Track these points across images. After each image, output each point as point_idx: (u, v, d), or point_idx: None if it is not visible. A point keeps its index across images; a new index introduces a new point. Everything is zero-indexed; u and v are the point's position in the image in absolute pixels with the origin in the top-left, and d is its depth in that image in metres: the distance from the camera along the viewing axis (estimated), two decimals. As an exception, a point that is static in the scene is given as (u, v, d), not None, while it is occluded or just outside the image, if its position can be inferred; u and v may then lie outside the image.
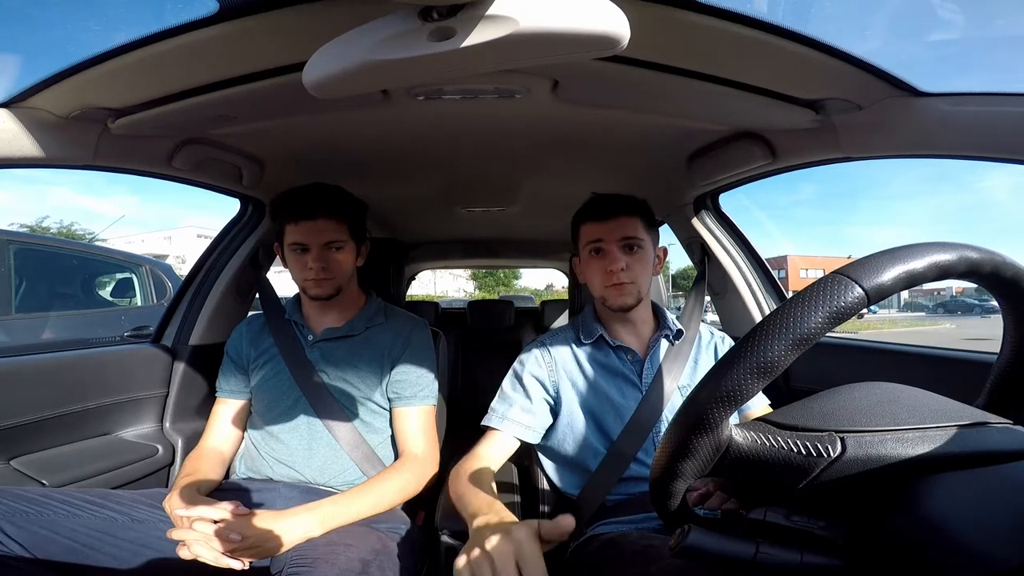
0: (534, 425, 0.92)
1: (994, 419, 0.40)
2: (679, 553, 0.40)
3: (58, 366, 1.05)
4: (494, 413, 0.93)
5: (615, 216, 0.93)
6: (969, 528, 0.32)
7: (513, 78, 0.79)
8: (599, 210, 0.94)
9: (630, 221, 0.92)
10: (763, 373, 0.35)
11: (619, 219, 0.92)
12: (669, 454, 0.40)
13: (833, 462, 0.37)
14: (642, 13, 0.57)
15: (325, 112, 0.90)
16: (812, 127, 0.90)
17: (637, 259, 0.92)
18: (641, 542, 0.72)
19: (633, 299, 0.92)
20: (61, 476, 0.97)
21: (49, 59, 0.71)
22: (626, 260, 0.91)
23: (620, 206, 0.93)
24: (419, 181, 1.42)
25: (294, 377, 1.01)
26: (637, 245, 0.92)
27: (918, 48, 0.76)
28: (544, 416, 0.93)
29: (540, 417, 0.93)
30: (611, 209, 0.93)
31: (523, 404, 0.92)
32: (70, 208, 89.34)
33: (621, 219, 0.92)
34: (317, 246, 0.99)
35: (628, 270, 0.91)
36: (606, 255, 0.92)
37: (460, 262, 3.50)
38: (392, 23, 0.51)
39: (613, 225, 0.92)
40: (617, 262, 0.91)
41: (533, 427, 0.91)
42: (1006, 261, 0.38)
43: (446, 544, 0.87)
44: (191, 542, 0.70)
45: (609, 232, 0.92)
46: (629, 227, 0.92)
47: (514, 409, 0.92)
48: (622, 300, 0.92)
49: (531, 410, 0.92)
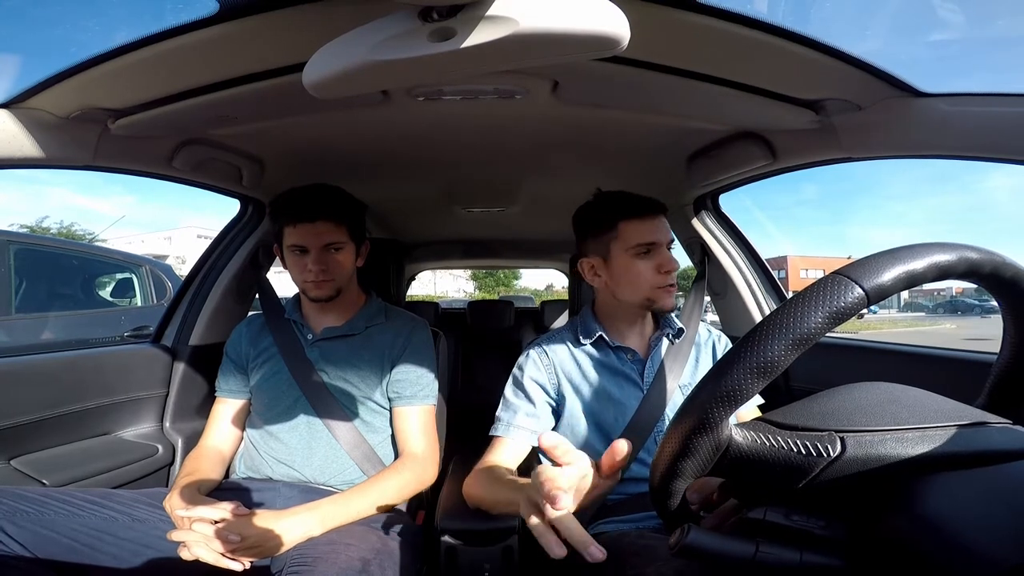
0: (539, 429, 0.91)
1: (994, 419, 0.40)
2: (679, 552, 0.40)
3: (58, 366, 1.05)
4: (500, 422, 0.93)
5: (658, 215, 0.91)
6: (969, 528, 0.32)
7: (513, 79, 0.79)
8: (646, 207, 0.91)
9: (666, 222, 0.92)
10: (763, 373, 0.35)
11: (661, 219, 0.91)
12: (669, 453, 0.40)
13: (833, 462, 0.37)
14: (642, 13, 0.57)
15: (325, 112, 0.90)
16: (812, 127, 0.90)
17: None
18: (640, 542, 0.72)
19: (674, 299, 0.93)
20: (61, 476, 0.97)
21: (49, 59, 0.71)
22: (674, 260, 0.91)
23: (660, 205, 0.92)
24: (419, 181, 1.42)
25: (294, 376, 1.01)
26: (671, 246, 0.93)
27: (918, 48, 0.76)
28: (548, 419, 0.93)
29: (544, 420, 0.93)
30: (656, 207, 0.92)
31: (527, 409, 0.92)
32: (70, 208, 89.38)
33: (662, 219, 0.92)
34: (316, 248, 0.99)
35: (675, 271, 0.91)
36: (659, 255, 0.90)
37: (460, 262, 3.50)
38: (392, 23, 0.51)
39: (661, 224, 0.91)
40: (672, 262, 0.89)
41: (538, 431, 0.91)
42: (1006, 261, 0.38)
43: (446, 544, 0.87)
44: (191, 543, 0.71)
45: (661, 232, 0.90)
46: (670, 227, 0.92)
47: (519, 416, 0.91)
48: (672, 301, 0.91)
49: (535, 414, 0.92)
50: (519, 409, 0.92)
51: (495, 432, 0.92)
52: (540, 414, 0.92)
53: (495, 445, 0.91)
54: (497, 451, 0.89)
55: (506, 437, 0.90)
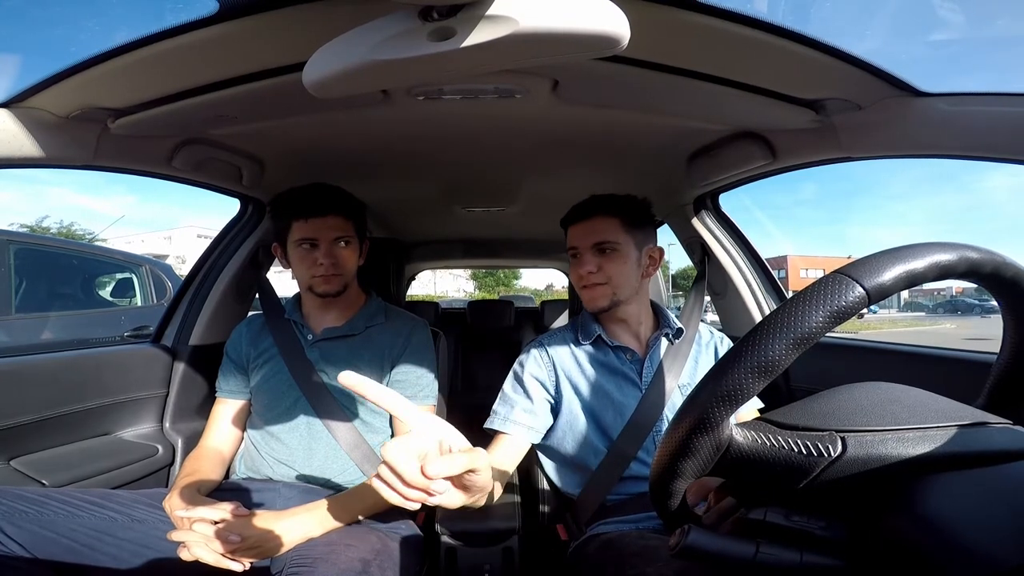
0: (536, 426, 0.91)
1: (994, 419, 0.40)
2: (679, 553, 0.40)
3: (58, 366, 1.05)
4: (496, 416, 0.93)
5: (588, 219, 0.95)
6: (969, 528, 0.32)
7: (513, 78, 0.79)
8: (575, 214, 0.97)
9: (605, 223, 0.93)
10: (763, 373, 0.35)
11: (592, 222, 0.94)
12: (669, 453, 0.40)
13: (833, 462, 0.37)
14: (642, 13, 0.57)
15: (325, 112, 0.90)
16: (812, 127, 0.90)
17: (610, 260, 0.93)
18: (639, 542, 0.72)
19: (606, 301, 0.93)
20: (61, 476, 0.97)
21: (49, 59, 0.71)
22: (598, 262, 0.92)
23: (595, 208, 0.95)
24: (419, 181, 1.42)
25: (294, 377, 1.01)
26: (611, 248, 0.93)
27: (918, 48, 0.76)
28: (545, 416, 0.93)
29: (542, 417, 0.93)
30: (585, 212, 0.95)
31: (525, 405, 0.92)
32: (70, 208, 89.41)
33: (595, 222, 0.94)
34: (327, 241, 0.99)
35: (600, 272, 0.92)
36: (579, 259, 0.95)
37: (460, 262, 3.50)
38: (392, 23, 0.51)
39: (586, 229, 0.94)
40: (585, 265, 0.93)
41: (535, 427, 0.91)
42: (1006, 261, 0.38)
43: (446, 544, 0.87)
44: (191, 544, 0.71)
45: (582, 237, 0.94)
46: (602, 230, 0.93)
47: (516, 411, 0.92)
48: (593, 303, 0.94)
49: (532, 411, 0.92)
50: (516, 404, 0.92)
51: (491, 425, 0.92)
52: (538, 411, 0.92)
53: (493, 443, 0.90)
54: (494, 450, 0.89)
55: (503, 432, 0.90)
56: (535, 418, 0.92)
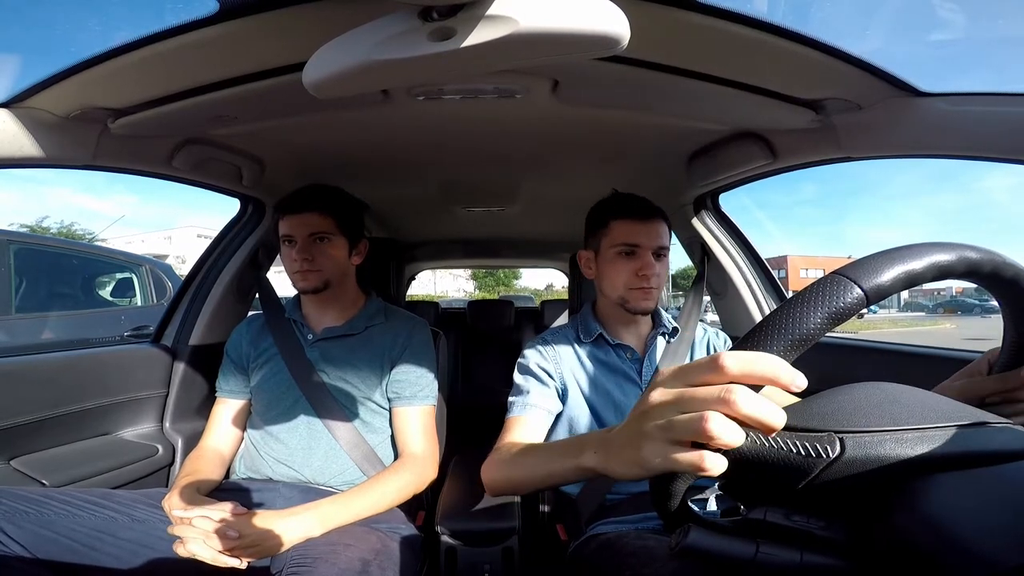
0: (554, 409, 0.91)
1: (994, 419, 0.40)
2: (679, 553, 0.40)
3: (58, 366, 1.05)
4: (515, 405, 0.91)
5: (652, 219, 0.92)
6: (969, 528, 0.32)
7: (513, 78, 0.79)
8: (638, 210, 0.92)
9: (662, 228, 0.93)
10: None
11: (655, 223, 0.92)
12: (669, 454, 0.40)
13: (832, 462, 0.37)
14: (642, 13, 0.57)
15: (325, 112, 0.90)
16: (812, 127, 0.90)
17: (663, 266, 0.93)
18: (638, 543, 0.71)
19: (655, 304, 0.93)
20: (61, 476, 0.97)
21: (49, 59, 0.71)
22: (657, 267, 0.91)
23: (656, 211, 0.93)
24: (419, 181, 1.42)
25: (293, 377, 1.01)
26: (664, 254, 0.93)
27: (918, 48, 0.77)
28: (557, 403, 0.93)
29: (555, 402, 0.92)
30: (650, 212, 0.93)
31: (540, 390, 0.92)
32: (70, 208, 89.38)
33: (657, 224, 0.92)
34: (302, 238, 1.00)
35: (656, 276, 0.91)
36: (640, 259, 0.91)
37: (460, 262, 3.50)
38: (392, 23, 0.51)
39: (651, 229, 0.91)
40: (652, 267, 0.90)
41: (551, 410, 0.91)
42: (1006, 261, 0.38)
43: (446, 544, 0.87)
44: (188, 539, 0.70)
45: (648, 236, 0.91)
46: (663, 235, 0.93)
47: (533, 395, 0.91)
48: (647, 304, 0.92)
49: (548, 395, 0.91)
50: (531, 390, 0.91)
51: (512, 414, 0.90)
52: (550, 395, 0.92)
53: (512, 425, 0.88)
54: (516, 430, 0.87)
55: (523, 415, 0.89)
56: (552, 400, 0.91)
